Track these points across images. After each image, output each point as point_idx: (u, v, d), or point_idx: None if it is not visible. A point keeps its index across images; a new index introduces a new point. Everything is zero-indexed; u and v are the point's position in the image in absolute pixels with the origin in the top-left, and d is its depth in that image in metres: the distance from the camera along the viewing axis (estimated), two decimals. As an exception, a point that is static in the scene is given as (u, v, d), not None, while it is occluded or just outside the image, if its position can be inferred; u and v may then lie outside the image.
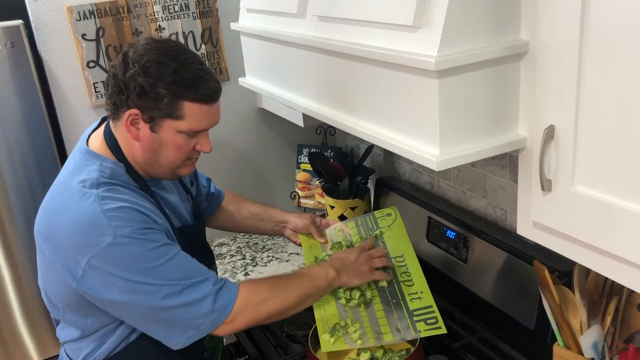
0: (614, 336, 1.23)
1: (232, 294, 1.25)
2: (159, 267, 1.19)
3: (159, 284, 1.18)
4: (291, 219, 1.69)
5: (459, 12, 0.96)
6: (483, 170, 1.67)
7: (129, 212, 1.20)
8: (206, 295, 1.21)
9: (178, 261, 1.22)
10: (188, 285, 1.20)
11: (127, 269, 1.17)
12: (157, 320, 1.21)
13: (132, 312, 1.22)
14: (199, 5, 2.13)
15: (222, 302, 1.23)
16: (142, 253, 1.18)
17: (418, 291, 1.47)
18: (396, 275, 1.52)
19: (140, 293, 1.18)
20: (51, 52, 1.98)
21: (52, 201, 1.27)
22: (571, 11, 0.87)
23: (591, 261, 0.96)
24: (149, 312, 1.20)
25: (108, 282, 1.18)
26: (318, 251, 1.63)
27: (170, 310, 1.19)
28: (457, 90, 1.00)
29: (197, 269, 1.25)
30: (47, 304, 1.36)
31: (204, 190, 1.68)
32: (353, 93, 1.25)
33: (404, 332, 1.38)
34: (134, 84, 1.18)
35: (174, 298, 1.19)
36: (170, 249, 1.22)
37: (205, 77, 1.22)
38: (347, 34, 1.23)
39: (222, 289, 1.24)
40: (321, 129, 2.45)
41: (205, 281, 1.23)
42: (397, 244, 1.59)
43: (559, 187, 0.97)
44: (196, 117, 1.22)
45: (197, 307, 1.20)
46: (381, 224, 1.66)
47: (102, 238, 1.16)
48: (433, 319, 1.39)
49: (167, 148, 1.25)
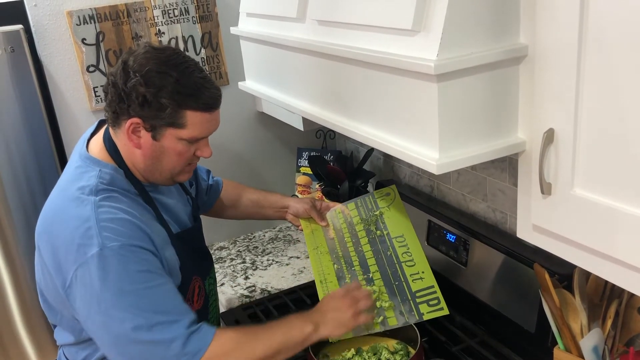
0: (615, 339, 1.23)
1: (204, 342, 1.17)
2: (136, 292, 1.15)
3: (131, 312, 1.14)
4: (292, 203, 1.70)
5: (458, 16, 0.96)
6: (483, 173, 1.67)
7: (123, 225, 1.19)
8: (176, 337, 1.15)
9: (157, 293, 1.18)
10: (159, 322, 1.15)
11: (104, 285, 1.14)
12: (125, 353, 1.17)
13: (102, 337, 1.18)
14: (198, 9, 2.14)
15: (193, 347, 1.16)
16: (123, 272, 1.15)
17: (420, 271, 1.48)
18: (398, 256, 1.53)
19: (111, 318, 1.14)
20: (51, 56, 1.98)
21: (51, 206, 1.27)
22: (570, 15, 0.87)
23: (591, 264, 0.96)
24: (116, 339, 1.16)
25: (86, 299, 1.16)
26: (320, 237, 1.63)
27: (137, 343, 1.15)
28: (457, 94, 1.00)
29: (174, 307, 1.19)
30: (44, 307, 1.35)
31: (204, 184, 1.68)
32: (352, 97, 1.25)
33: (408, 315, 1.41)
34: (136, 93, 1.18)
35: (142, 332, 1.14)
36: (153, 277, 1.18)
37: (207, 86, 1.22)
38: (346, 38, 1.23)
39: (195, 332, 1.18)
40: (321, 133, 2.46)
41: (179, 322, 1.17)
42: (398, 224, 1.60)
43: (558, 191, 0.97)
44: (198, 125, 1.22)
45: (165, 348, 1.14)
46: (380, 204, 1.67)
47: (89, 248, 1.15)
48: (435, 300, 1.41)
49: (168, 155, 1.25)
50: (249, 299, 1.96)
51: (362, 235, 1.61)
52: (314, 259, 1.58)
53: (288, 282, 2.03)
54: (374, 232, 1.60)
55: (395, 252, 1.54)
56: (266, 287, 2.01)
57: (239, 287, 2.03)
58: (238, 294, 1.98)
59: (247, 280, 2.08)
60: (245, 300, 1.95)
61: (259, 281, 2.06)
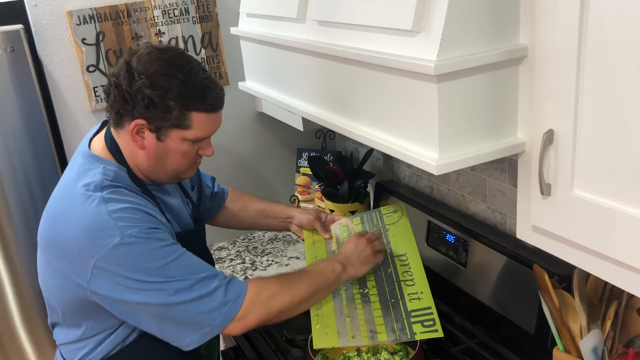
0: (614, 340, 1.23)
1: (241, 287, 1.25)
2: (167, 266, 1.19)
3: (168, 281, 1.18)
4: (296, 214, 1.70)
5: (458, 17, 0.96)
6: (482, 174, 1.67)
7: (134, 212, 1.21)
8: (217, 287, 1.21)
9: (185, 259, 1.23)
10: (198, 280, 1.20)
11: (135, 269, 1.17)
12: (169, 319, 1.21)
13: (143, 312, 1.21)
14: (198, 9, 2.14)
15: (233, 293, 1.23)
16: (149, 252, 1.19)
17: (418, 291, 1.46)
18: (398, 274, 1.52)
19: (150, 291, 1.18)
20: (51, 56, 1.98)
21: (56, 205, 1.27)
22: (570, 16, 0.88)
23: (591, 265, 0.96)
24: (160, 310, 1.20)
25: (117, 283, 1.17)
26: (320, 249, 1.62)
27: (181, 305, 1.19)
28: (456, 94, 1.01)
29: (204, 266, 1.25)
30: (47, 307, 1.36)
31: (208, 190, 1.68)
32: (352, 97, 1.25)
33: (399, 333, 1.38)
34: (142, 96, 1.18)
35: (184, 293, 1.19)
36: (176, 248, 1.23)
37: (212, 86, 1.24)
38: (346, 38, 1.23)
39: (231, 282, 1.24)
40: (321, 133, 2.46)
41: (214, 276, 1.23)
42: (402, 242, 1.59)
43: (558, 191, 0.97)
44: (203, 125, 1.24)
45: (209, 300, 1.20)
46: (387, 220, 1.66)
47: (110, 239, 1.16)
48: (430, 321, 1.39)
49: (173, 156, 1.26)
50: (249, 299, 1.96)
51: None
52: None
53: (287, 283, 2.03)
54: None
55: (395, 270, 1.53)
56: (266, 288, 2.01)
57: (238, 288, 2.03)
58: (237, 294, 1.98)
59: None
60: (244, 301, 1.95)
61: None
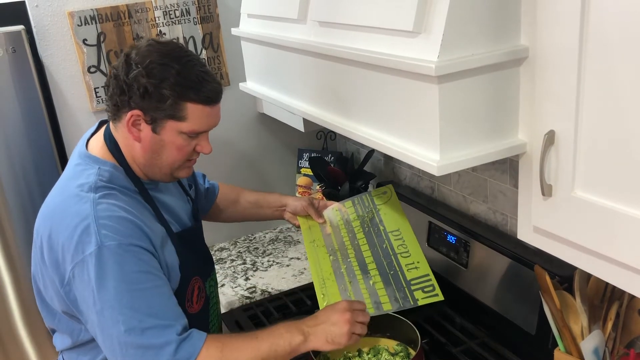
0: (615, 341, 1.23)
1: (194, 348, 1.17)
2: (131, 293, 1.15)
3: (124, 312, 1.14)
4: (290, 202, 1.70)
5: (459, 18, 0.96)
6: (483, 175, 1.67)
7: (122, 223, 1.19)
8: (167, 343, 1.14)
9: (152, 295, 1.17)
10: (153, 326, 1.14)
11: (100, 284, 1.14)
12: (117, 354, 1.16)
13: (98, 336, 1.18)
14: (199, 10, 2.14)
15: (183, 354, 1.15)
16: (119, 271, 1.15)
17: (415, 261, 1.50)
18: (393, 248, 1.55)
19: (106, 318, 1.14)
20: (52, 57, 1.99)
21: (50, 203, 1.27)
22: (570, 17, 0.87)
23: (592, 266, 0.96)
24: (110, 340, 1.16)
25: (84, 297, 1.17)
26: (317, 233, 1.65)
27: (129, 346, 1.14)
28: (457, 95, 1.00)
29: (168, 311, 1.19)
30: (41, 308, 1.34)
31: (202, 188, 1.68)
32: (353, 98, 1.25)
33: (402, 301, 1.42)
34: (137, 84, 1.18)
35: (134, 335, 1.14)
36: (149, 278, 1.18)
37: (208, 79, 1.23)
38: (347, 39, 1.23)
39: (186, 340, 1.17)
40: (321, 134, 2.46)
41: (172, 327, 1.16)
42: (393, 219, 1.63)
43: (559, 192, 0.97)
44: (198, 118, 1.23)
45: (154, 355, 1.14)
46: (377, 201, 1.69)
47: (88, 246, 1.15)
48: (430, 287, 1.43)
49: (168, 149, 1.25)
50: (250, 300, 1.96)
51: (358, 229, 1.63)
52: (310, 251, 1.61)
53: (288, 283, 2.03)
54: (370, 227, 1.62)
55: (390, 244, 1.56)
56: (267, 288, 2.01)
57: (239, 288, 2.03)
58: (238, 295, 1.98)
59: (248, 281, 2.08)
60: (245, 302, 1.95)
61: (259, 282, 2.06)
